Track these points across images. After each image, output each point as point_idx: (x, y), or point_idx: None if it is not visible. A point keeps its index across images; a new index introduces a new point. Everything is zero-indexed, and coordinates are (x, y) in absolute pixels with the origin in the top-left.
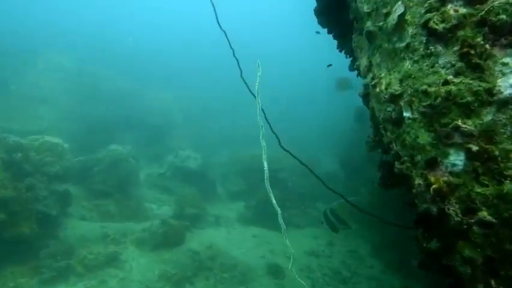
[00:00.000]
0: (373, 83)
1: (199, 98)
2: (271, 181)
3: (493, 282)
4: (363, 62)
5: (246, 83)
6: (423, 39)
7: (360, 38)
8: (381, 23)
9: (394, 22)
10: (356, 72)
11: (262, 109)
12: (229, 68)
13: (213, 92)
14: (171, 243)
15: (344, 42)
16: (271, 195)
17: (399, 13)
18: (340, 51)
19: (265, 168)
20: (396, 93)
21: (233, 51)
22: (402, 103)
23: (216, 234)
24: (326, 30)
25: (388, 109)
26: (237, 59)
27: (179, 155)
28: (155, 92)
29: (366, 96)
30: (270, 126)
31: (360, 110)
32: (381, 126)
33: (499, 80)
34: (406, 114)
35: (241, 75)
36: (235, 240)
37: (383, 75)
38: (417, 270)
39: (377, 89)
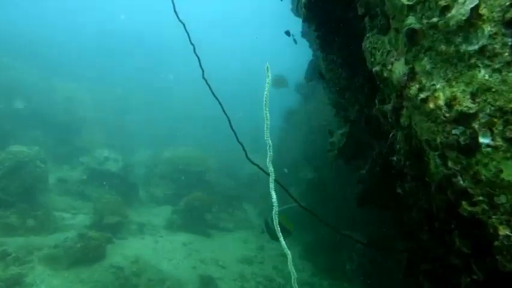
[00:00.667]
0: (423, 96)
1: (115, 91)
2: (197, 183)
3: None
4: (399, 67)
5: (208, 84)
6: (509, 40)
7: (381, 37)
8: (435, 19)
9: (463, 18)
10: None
11: (227, 116)
12: (157, 61)
13: (131, 85)
14: (90, 258)
15: (334, 42)
16: (280, 235)
17: (472, 6)
18: (321, 51)
19: (273, 200)
20: (470, 111)
21: (193, 47)
22: (476, 125)
23: (142, 244)
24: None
25: (454, 132)
26: (198, 57)
27: (96, 156)
28: (65, 83)
29: (396, 110)
30: (235, 134)
31: (290, 110)
32: (434, 152)
33: None
34: (483, 140)
35: (203, 76)
36: (163, 250)
37: (438, 86)
38: (348, 273)
39: (431, 105)
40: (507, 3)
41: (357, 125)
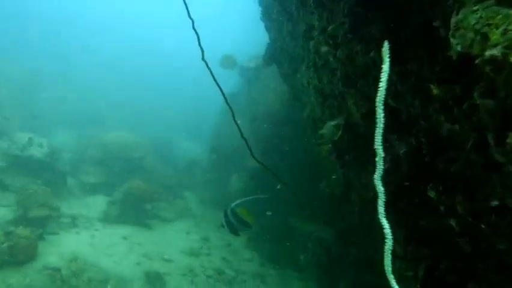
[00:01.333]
0: None
1: (26, 65)
2: (133, 171)
3: None
4: None
5: (209, 68)
6: None
7: (503, 10)
8: None
9: None
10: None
11: (231, 108)
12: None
13: (44, 60)
14: (19, 260)
15: (375, 22)
16: (389, 271)
17: None
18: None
19: (386, 231)
20: None
21: (192, 22)
22: None
23: (77, 240)
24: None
25: None
26: (197, 35)
27: (16, 140)
28: None
29: (494, 113)
30: (239, 129)
31: (232, 94)
32: None
33: None
34: None
35: (202, 58)
36: (102, 245)
37: None
38: (302, 263)
39: None
40: None
41: (367, 116)
